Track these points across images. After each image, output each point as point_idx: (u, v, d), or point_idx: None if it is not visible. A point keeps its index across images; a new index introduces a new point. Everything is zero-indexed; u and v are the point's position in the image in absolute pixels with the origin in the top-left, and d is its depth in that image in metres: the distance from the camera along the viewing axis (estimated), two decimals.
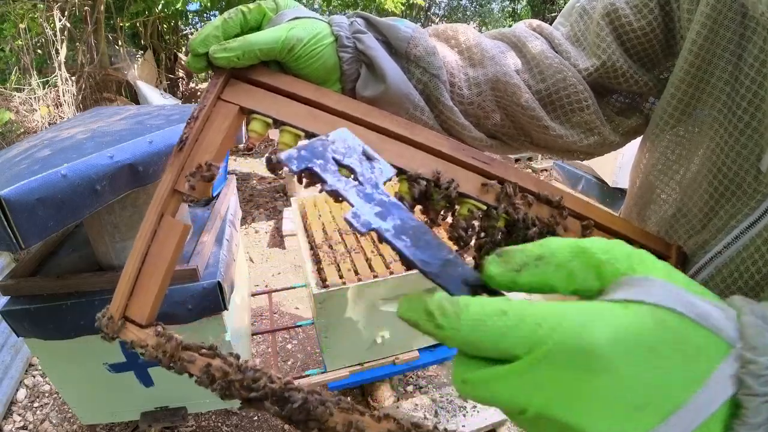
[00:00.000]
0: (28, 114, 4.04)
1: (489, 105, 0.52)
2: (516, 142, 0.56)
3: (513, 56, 0.54)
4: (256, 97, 0.44)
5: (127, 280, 0.41)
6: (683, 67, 0.47)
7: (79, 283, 1.03)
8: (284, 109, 0.44)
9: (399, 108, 0.48)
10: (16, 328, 1.03)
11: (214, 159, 0.42)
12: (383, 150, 0.43)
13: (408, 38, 0.48)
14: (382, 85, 0.46)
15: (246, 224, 3.47)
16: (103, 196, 0.86)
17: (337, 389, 1.75)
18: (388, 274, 1.30)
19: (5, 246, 0.75)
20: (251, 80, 0.44)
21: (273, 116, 0.43)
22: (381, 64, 0.46)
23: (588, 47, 0.54)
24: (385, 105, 0.47)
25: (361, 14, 0.49)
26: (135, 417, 1.28)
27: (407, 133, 0.44)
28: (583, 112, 0.52)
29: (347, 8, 5.92)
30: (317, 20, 0.47)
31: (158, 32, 5.86)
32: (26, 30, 4.07)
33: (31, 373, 2.08)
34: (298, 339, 2.30)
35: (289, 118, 0.43)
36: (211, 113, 0.43)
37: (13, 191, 0.73)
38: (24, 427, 1.83)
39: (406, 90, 0.47)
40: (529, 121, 0.52)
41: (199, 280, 1.06)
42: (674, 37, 0.51)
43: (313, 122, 0.43)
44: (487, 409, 1.77)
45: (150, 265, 0.41)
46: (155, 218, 0.41)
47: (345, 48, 0.46)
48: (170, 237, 0.41)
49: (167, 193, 0.41)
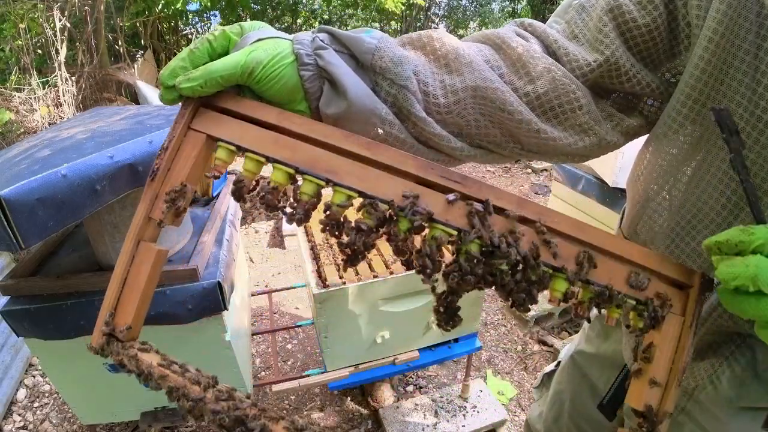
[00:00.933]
0: (28, 114, 4.04)
1: (470, 113, 0.50)
2: (505, 149, 0.53)
3: (496, 59, 0.51)
4: (223, 125, 0.44)
5: (111, 299, 0.44)
6: (699, 65, 0.46)
7: (79, 283, 1.02)
8: (249, 136, 0.44)
9: (365, 124, 0.46)
10: (16, 328, 1.03)
11: (187, 185, 0.44)
12: (345, 173, 0.42)
13: (372, 50, 0.46)
14: (344, 102, 0.45)
15: (246, 224, 3.46)
16: (103, 196, 0.86)
17: (337, 389, 1.75)
18: (388, 274, 1.30)
19: (5, 246, 0.75)
20: (219, 108, 0.45)
21: (236, 143, 0.44)
22: (342, 79, 0.45)
23: (587, 43, 0.52)
24: (350, 122, 0.46)
25: (325, 29, 0.48)
26: (135, 417, 1.28)
27: (369, 153, 0.42)
28: (575, 113, 0.51)
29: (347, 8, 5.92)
30: (281, 39, 0.46)
31: (158, 32, 5.85)
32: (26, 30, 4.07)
33: (31, 373, 2.08)
34: (298, 339, 2.30)
35: (252, 144, 0.43)
36: (181, 143, 0.44)
37: (13, 191, 0.73)
38: (24, 427, 1.83)
39: (371, 105, 0.46)
40: (517, 126, 0.50)
41: (199, 280, 1.06)
42: (677, 38, 0.50)
43: (275, 148, 0.43)
44: (486, 409, 1.77)
45: (128, 287, 0.44)
46: (132, 245, 0.44)
47: (305, 66, 0.45)
48: (146, 261, 0.44)
49: (142, 221, 0.44)
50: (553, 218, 0.41)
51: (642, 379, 0.42)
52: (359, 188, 0.42)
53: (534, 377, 2.07)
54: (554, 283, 0.41)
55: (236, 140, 0.44)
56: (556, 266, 0.40)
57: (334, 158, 0.43)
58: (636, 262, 0.42)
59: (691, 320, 0.41)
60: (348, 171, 0.42)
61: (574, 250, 0.41)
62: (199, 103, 0.45)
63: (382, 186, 0.41)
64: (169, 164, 0.44)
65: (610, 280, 0.41)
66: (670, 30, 0.50)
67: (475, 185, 0.41)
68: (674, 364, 0.41)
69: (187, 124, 0.44)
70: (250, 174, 0.45)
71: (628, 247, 0.42)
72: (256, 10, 6.15)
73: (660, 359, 0.41)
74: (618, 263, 0.42)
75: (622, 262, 0.42)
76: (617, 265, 0.42)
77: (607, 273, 0.41)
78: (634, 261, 0.42)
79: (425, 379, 2.04)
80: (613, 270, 0.42)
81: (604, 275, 0.41)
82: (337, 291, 1.25)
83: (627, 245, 0.42)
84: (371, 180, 0.42)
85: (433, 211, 0.40)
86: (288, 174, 0.44)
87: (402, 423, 1.71)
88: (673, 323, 0.41)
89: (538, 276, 0.40)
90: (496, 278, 0.40)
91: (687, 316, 0.41)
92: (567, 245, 0.41)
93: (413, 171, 0.41)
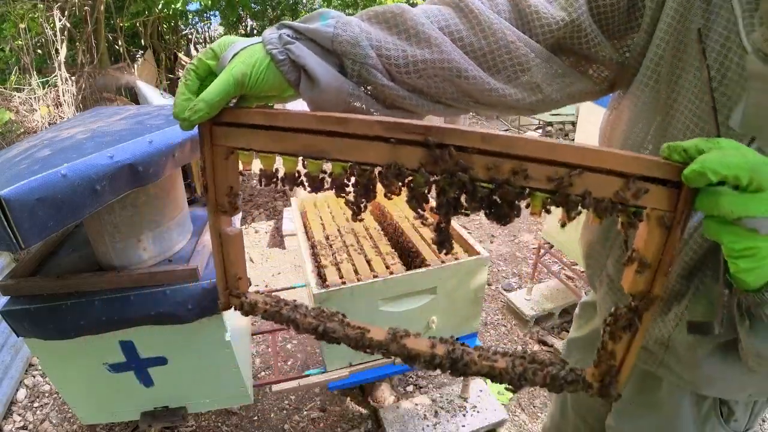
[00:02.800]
0: (28, 114, 4.04)
1: (430, 76, 0.56)
2: (461, 103, 0.60)
3: (456, 23, 0.57)
4: (234, 136, 0.55)
5: (221, 275, 0.64)
6: (664, 28, 0.55)
7: (79, 283, 1.03)
8: (256, 139, 0.53)
9: (337, 100, 0.54)
10: (16, 328, 1.03)
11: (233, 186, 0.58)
12: (332, 150, 0.50)
13: (330, 37, 0.53)
14: (316, 86, 0.53)
15: (246, 224, 3.47)
16: (103, 196, 0.86)
17: (337, 389, 1.75)
18: (388, 274, 1.30)
19: (5, 246, 0.75)
20: (226, 123, 0.54)
21: (249, 148, 0.55)
22: (311, 67, 0.52)
23: (557, 3, 0.59)
24: (325, 101, 0.54)
25: (286, 24, 0.55)
26: (135, 417, 1.28)
27: (341, 128, 0.49)
28: (525, 73, 0.58)
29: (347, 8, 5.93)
30: (252, 46, 0.52)
31: (158, 32, 5.86)
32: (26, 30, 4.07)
33: (31, 373, 2.08)
34: (298, 339, 2.30)
35: (261, 146, 0.54)
36: (213, 158, 0.56)
37: (13, 191, 0.73)
38: (24, 427, 1.83)
39: (337, 84, 0.54)
40: (473, 86, 0.57)
41: (199, 280, 1.06)
42: (634, 13, 0.58)
43: (274, 144, 0.53)
44: (486, 409, 1.78)
45: (228, 262, 0.63)
46: (216, 235, 0.61)
47: (281, 62, 0.52)
48: (231, 243, 0.62)
49: (214, 217, 0.60)
50: (521, 146, 0.44)
51: (633, 266, 0.46)
52: (345, 159, 0.50)
53: None
54: (533, 200, 0.46)
55: (247, 145, 0.54)
56: (532, 187, 0.45)
57: (320, 140, 0.50)
58: (621, 171, 0.43)
59: (680, 215, 0.42)
60: (333, 148, 0.50)
61: (549, 170, 0.44)
62: (211, 123, 0.54)
63: (361, 153, 0.49)
64: (212, 176, 0.57)
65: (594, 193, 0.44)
66: (629, 6, 0.58)
67: (438, 132, 0.46)
68: (663, 255, 0.44)
69: (210, 143, 0.55)
70: (268, 167, 0.56)
71: (612, 158, 0.43)
72: (256, 9, 6.15)
73: (650, 248, 0.44)
74: (602, 176, 0.43)
75: (607, 174, 0.43)
76: (600, 177, 0.43)
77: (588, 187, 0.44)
78: (619, 170, 0.43)
79: (425, 379, 2.04)
80: (596, 183, 0.43)
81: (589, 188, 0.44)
82: (337, 291, 1.25)
83: (609, 156, 0.43)
84: (352, 150, 0.49)
85: (409, 163, 0.47)
86: (293, 161, 0.54)
87: (402, 423, 1.71)
88: (665, 219, 0.44)
89: (515, 192, 0.45)
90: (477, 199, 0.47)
91: (677, 212, 0.43)
92: (540, 167, 0.44)
93: (381, 133, 0.48)
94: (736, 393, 0.67)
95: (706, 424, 0.71)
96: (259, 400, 1.94)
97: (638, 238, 0.45)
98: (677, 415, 0.72)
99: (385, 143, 0.47)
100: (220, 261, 0.63)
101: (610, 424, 0.85)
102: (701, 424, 0.72)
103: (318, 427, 1.83)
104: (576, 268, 2.36)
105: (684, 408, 0.72)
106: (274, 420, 1.87)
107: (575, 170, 0.43)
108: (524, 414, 1.88)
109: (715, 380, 0.65)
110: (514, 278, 2.77)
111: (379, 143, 0.48)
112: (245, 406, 1.90)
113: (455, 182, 0.46)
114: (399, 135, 0.47)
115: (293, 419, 1.87)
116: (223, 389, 1.27)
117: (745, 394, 0.67)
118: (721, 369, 0.62)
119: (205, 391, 1.26)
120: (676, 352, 0.65)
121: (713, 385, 0.66)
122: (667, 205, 0.43)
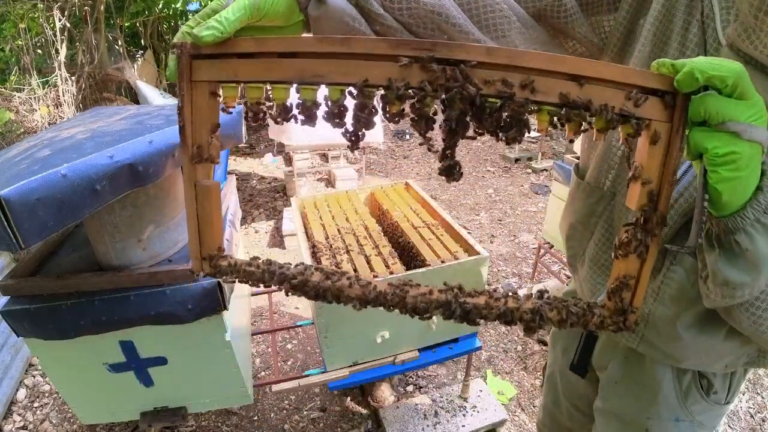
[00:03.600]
0: (28, 114, 4.04)
1: (421, 17, 0.59)
2: None
3: None
4: (217, 68, 0.50)
5: (194, 235, 0.56)
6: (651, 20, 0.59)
7: (79, 283, 1.03)
8: (241, 70, 0.49)
9: (340, 22, 0.57)
10: (16, 328, 1.03)
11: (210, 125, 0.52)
12: (330, 72, 0.47)
13: None
14: (323, 5, 0.56)
15: (246, 224, 3.47)
16: (103, 196, 0.86)
17: (337, 389, 1.75)
18: (388, 274, 1.30)
19: (5, 246, 0.75)
20: (206, 55, 0.49)
21: (234, 80, 0.50)
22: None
23: None
24: (329, 21, 0.56)
25: None
26: (135, 417, 1.28)
27: (345, 48, 0.47)
28: (506, 36, 0.61)
29: None
30: None
31: (158, 32, 5.86)
32: (26, 30, 4.07)
33: (31, 373, 2.08)
34: (298, 339, 2.30)
35: (248, 76, 0.49)
36: (192, 97, 0.50)
37: (13, 191, 0.73)
38: (24, 427, 1.83)
39: (342, 5, 0.56)
40: (459, 35, 0.60)
41: (199, 280, 1.06)
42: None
43: (265, 72, 0.49)
44: (486, 409, 1.78)
45: (202, 219, 0.56)
46: (191, 190, 0.54)
47: None
48: (206, 197, 0.55)
49: (189, 166, 0.53)
50: (525, 58, 0.44)
51: (638, 182, 0.46)
52: (346, 81, 0.47)
53: (534, 377, 2.07)
54: (540, 115, 0.46)
55: (234, 77, 0.49)
56: (539, 101, 0.45)
57: (316, 63, 0.47)
58: (621, 82, 0.44)
59: (678, 125, 0.44)
60: (331, 70, 0.47)
61: (555, 83, 0.44)
62: (189, 58, 0.49)
63: (363, 72, 0.46)
64: (190, 117, 0.51)
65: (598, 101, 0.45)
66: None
67: (444, 47, 0.45)
68: (665, 167, 0.45)
69: (189, 79, 0.50)
70: (255, 99, 0.51)
71: (606, 69, 0.44)
72: None
73: (653, 161, 0.45)
74: (601, 86, 0.45)
75: (605, 84, 0.45)
76: (601, 88, 0.45)
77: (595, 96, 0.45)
78: (616, 80, 0.44)
79: (425, 379, 2.04)
80: (599, 93, 0.45)
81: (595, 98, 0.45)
82: None
83: (604, 67, 0.44)
84: (353, 70, 0.46)
85: (415, 81, 0.45)
86: (285, 89, 0.50)
87: (402, 423, 1.71)
88: (662, 129, 0.45)
89: (522, 110, 0.45)
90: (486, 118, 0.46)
91: (674, 121, 0.44)
92: (546, 80, 0.44)
93: (387, 51, 0.46)
94: (713, 364, 0.70)
95: (688, 398, 0.74)
96: (259, 400, 1.94)
97: (639, 154, 0.47)
98: (660, 389, 0.75)
99: (391, 62, 0.46)
100: (193, 217, 0.55)
101: (598, 406, 0.86)
102: (683, 398, 0.74)
103: (318, 427, 1.83)
104: None
105: (666, 383, 0.74)
106: (274, 420, 1.87)
107: (581, 80, 0.44)
108: (524, 414, 1.88)
109: (693, 352, 0.68)
110: (514, 278, 2.77)
111: (384, 62, 0.46)
112: (245, 406, 1.89)
113: (465, 96, 0.45)
114: (405, 52, 0.45)
115: (293, 419, 1.87)
116: (223, 389, 1.27)
117: (722, 364, 0.69)
118: (700, 340, 0.66)
119: (205, 391, 1.26)
120: (656, 327, 0.69)
121: (692, 357, 0.69)
122: (664, 117, 0.45)
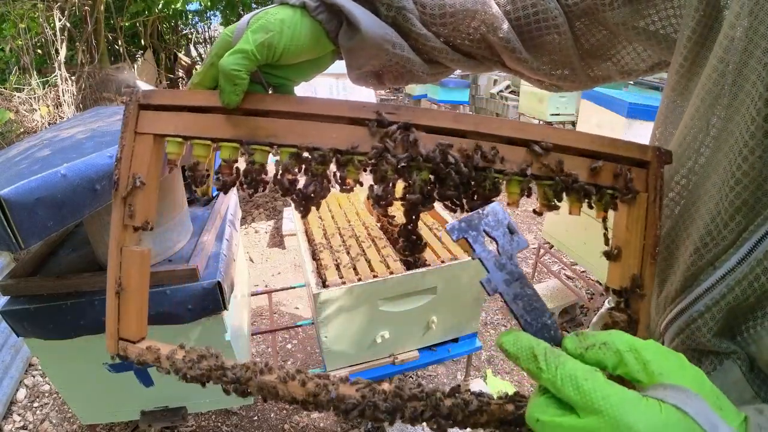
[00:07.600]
0: (28, 114, 4.04)
1: (464, 30, 0.53)
2: (490, 62, 0.58)
3: None
4: (164, 121, 0.46)
5: (113, 307, 0.48)
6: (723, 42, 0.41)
7: (79, 283, 1.02)
8: (189, 124, 0.46)
9: (380, 50, 0.48)
10: (16, 328, 1.03)
11: (148, 184, 0.47)
12: (286, 133, 0.44)
13: None
14: (358, 33, 0.46)
15: (246, 224, 3.47)
16: (103, 196, 0.86)
17: None
18: (388, 274, 1.30)
19: (5, 246, 0.75)
20: (155, 106, 0.47)
21: (181, 134, 0.46)
22: (352, 11, 0.46)
23: None
24: (366, 51, 0.48)
25: None
26: (135, 417, 1.28)
27: (302, 108, 0.44)
28: (554, 46, 0.54)
29: None
30: (265, 10, 0.46)
31: (158, 32, 5.86)
32: (26, 30, 4.07)
33: (31, 373, 2.08)
34: (298, 339, 2.30)
35: (195, 131, 0.46)
36: (132, 149, 0.47)
37: (13, 191, 0.73)
38: (24, 427, 1.83)
39: (382, 31, 0.48)
40: (503, 49, 0.54)
41: (199, 280, 1.06)
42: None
43: (216, 129, 0.45)
44: None
45: (126, 292, 0.48)
46: (116, 253, 0.47)
47: (316, 9, 0.46)
48: (133, 264, 0.48)
49: (119, 229, 0.47)
50: (491, 125, 0.43)
51: (617, 262, 0.45)
52: (300, 143, 0.44)
53: None
54: (509, 187, 0.44)
55: (180, 131, 0.46)
56: (507, 170, 0.43)
57: (272, 122, 0.44)
58: (589, 150, 0.43)
59: (654, 195, 0.43)
60: (287, 130, 0.44)
61: (522, 152, 0.43)
62: (137, 107, 0.47)
63: (319, 135, 0.44)
64: (127, 171, 0.47)
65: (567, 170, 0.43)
66: None
67: (408, 112, 0.43)
68: (645, 240, 0.43)
69: (132, 130, 0.47)
70: (202, 158, 0.47)
71: (574, 137, 0.43)
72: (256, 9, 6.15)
73: (631, 240, 0.44)
74: (570, 156, 0.43)
75: (573, 154, 0.43)
76: (569, 157, 0.43)
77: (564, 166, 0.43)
78: (586, 149, 0.43)
79: (425, 379, 2.04)
80: (568, 163, 0.43)
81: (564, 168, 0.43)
82: (337, 291, 1.25)
83: (572, 134, 0.43)
84: (311, 132, 0.44)
85: (362, 147, 0.43)
86: (234, 148, 0.46)
87: (402, 423, 1.71)
88: (638, 201, 0.44)
89: (490, 182, 0.43)
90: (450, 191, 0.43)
91: (650, 191, 0.43)
92: (512, 149, 0.43)
93: (347, 114, 0.44)
94: None
95: None
96: (259, 400, 1.94)
97: (617, 229, 0.46)
98: None
99: (350, 125, 0.44)
100: (113, 287, 0.47)
101: None
102: None
103: (318, 427, 1.83)
104: (576, 268, 2.36)
105: None
106: (274, 420, 1.87)
107: (541, 145, 0.42)
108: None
109: None
110: None
111: (342, 125, 0.44)
112: (245, 406, 1.89)
113: (431, 165, 0.42)
114: (365, 115, 0.43)
115: (293, 419, 1.87)
116: None
117: None
118: None
119: (205, 391, 1.26)
120: None
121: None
122: (641, 186, 0.44)
